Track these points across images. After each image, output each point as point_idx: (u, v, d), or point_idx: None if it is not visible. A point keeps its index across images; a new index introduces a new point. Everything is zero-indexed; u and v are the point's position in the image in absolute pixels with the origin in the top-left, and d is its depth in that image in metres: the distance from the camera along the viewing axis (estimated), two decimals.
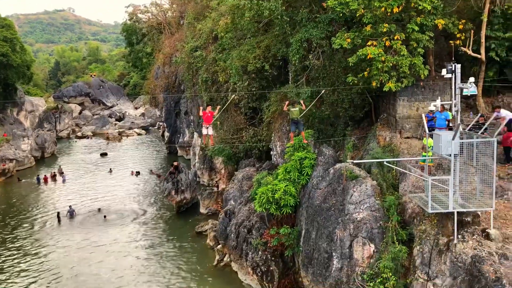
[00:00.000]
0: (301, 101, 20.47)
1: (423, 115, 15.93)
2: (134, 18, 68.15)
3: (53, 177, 43.96)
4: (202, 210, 31.87)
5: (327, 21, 20.44)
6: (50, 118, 73.44)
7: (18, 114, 64.24)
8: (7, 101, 56.93)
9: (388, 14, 17.15)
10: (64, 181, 42.81)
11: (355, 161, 14.71)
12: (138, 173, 44.61)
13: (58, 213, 32.00)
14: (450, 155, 13.53)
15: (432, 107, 15.19)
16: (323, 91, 20.66)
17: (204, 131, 21.53)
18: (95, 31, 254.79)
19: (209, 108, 21.54)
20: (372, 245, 15.48)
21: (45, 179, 43.17)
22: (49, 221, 31.39)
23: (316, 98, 20.73)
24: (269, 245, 19.88)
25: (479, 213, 13.64)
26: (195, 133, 44.93)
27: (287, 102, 20.74)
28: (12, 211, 34.39)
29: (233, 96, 28.20)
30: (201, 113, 21.56)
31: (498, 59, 18.52)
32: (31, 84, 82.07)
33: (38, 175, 44.20)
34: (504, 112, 15.73)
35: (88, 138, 73.07)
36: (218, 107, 22.90)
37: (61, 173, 45.11)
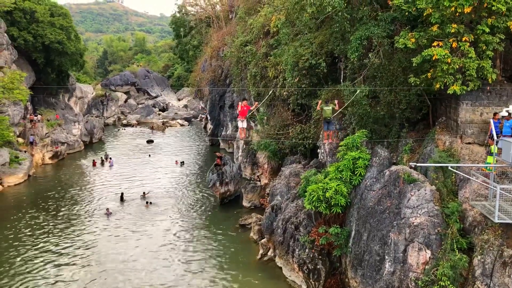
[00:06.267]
0: (336, 101, 20.10)
1: (491, 121, 15.32)
2: (183, 10, 69.35)
3: (102, 162, 45.75)
4: (245, 203, 32.08)
5: (389, 20, 19.95)
6: (98, 105, 76.20)
7: (69, 100, 66.84)
8: (60, 87, 59.36)
9: (457, 14, 16.55)
10: (111, 166, 44.41)
11: (418, 164, 14.22)
12: (182, 163, 45.49)
13: (122, 193, 33.34)
14: None
15: (504, 113, 14.54)
16: (358, 91, 20.16)
17: (240, 124, 21.95)
18: (141, 22, 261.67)
19: (245, 102, 21.93)
20: (429, 251, 15.05)
21: (94, 163, 45.10)
22: (99, 205, 32.61)
23: (355, 95, 20.28)
24: (317, 243, 19.73)
25: None
26: (239, 127, 45.22)
27: (319, 101, 20.46)
28: (64, 192, 36.01)
29: (271, 91, 28.31)
30: (239, 108, 22.06)
31: None
32: (81, 72, 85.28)
33: (105, 155, 48.33)
34: None
35: (133, 126, 75.31)
36: (256, 103, 23.32)
37: (109, 158, 46.84)
